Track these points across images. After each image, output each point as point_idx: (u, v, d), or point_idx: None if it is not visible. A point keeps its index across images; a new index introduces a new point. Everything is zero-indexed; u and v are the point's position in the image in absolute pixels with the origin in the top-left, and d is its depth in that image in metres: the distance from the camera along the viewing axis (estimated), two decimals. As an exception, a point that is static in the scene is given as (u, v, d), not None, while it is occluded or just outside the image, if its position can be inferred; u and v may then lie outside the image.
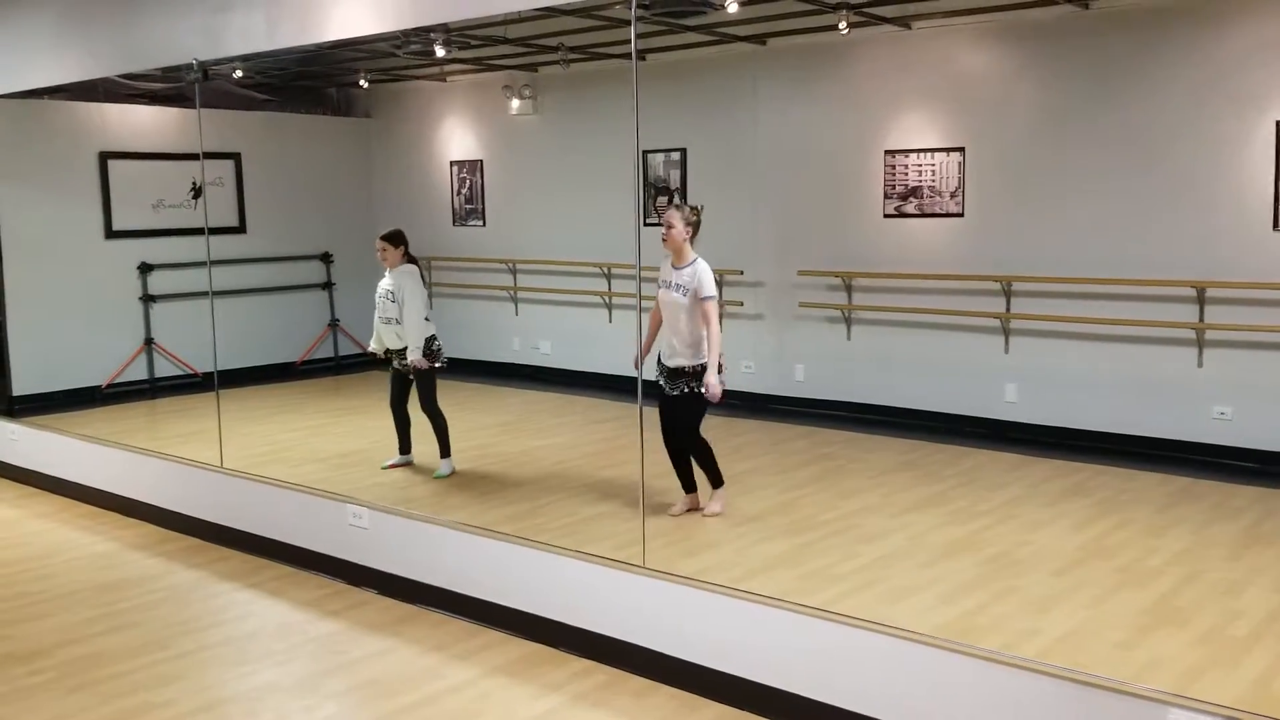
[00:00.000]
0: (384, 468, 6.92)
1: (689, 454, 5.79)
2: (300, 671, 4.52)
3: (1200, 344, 6.96)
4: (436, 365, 6.70)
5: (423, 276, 6.83)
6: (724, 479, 5.85)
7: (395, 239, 6.73)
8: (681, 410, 5.66)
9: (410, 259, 6.75)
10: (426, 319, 6.67)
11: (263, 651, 4.74)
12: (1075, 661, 3.72)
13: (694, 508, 5.86)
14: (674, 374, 5.63)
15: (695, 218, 5.65)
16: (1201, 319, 6.90)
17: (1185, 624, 4.30)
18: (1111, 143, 7.15)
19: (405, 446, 6.97)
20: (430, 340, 6.65)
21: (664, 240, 5.64)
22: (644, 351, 5.62)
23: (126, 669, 4.55)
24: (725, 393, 5.56)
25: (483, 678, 4.43)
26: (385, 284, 6.74)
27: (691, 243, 5.64)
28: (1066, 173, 7.36)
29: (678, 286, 5.59)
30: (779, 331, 8.83)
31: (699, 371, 5.55)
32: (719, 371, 5.46)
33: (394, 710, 4.15)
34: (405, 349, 6.66)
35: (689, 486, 5.87)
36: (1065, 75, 7.32)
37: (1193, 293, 6.90)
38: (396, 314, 6.64)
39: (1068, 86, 7.31)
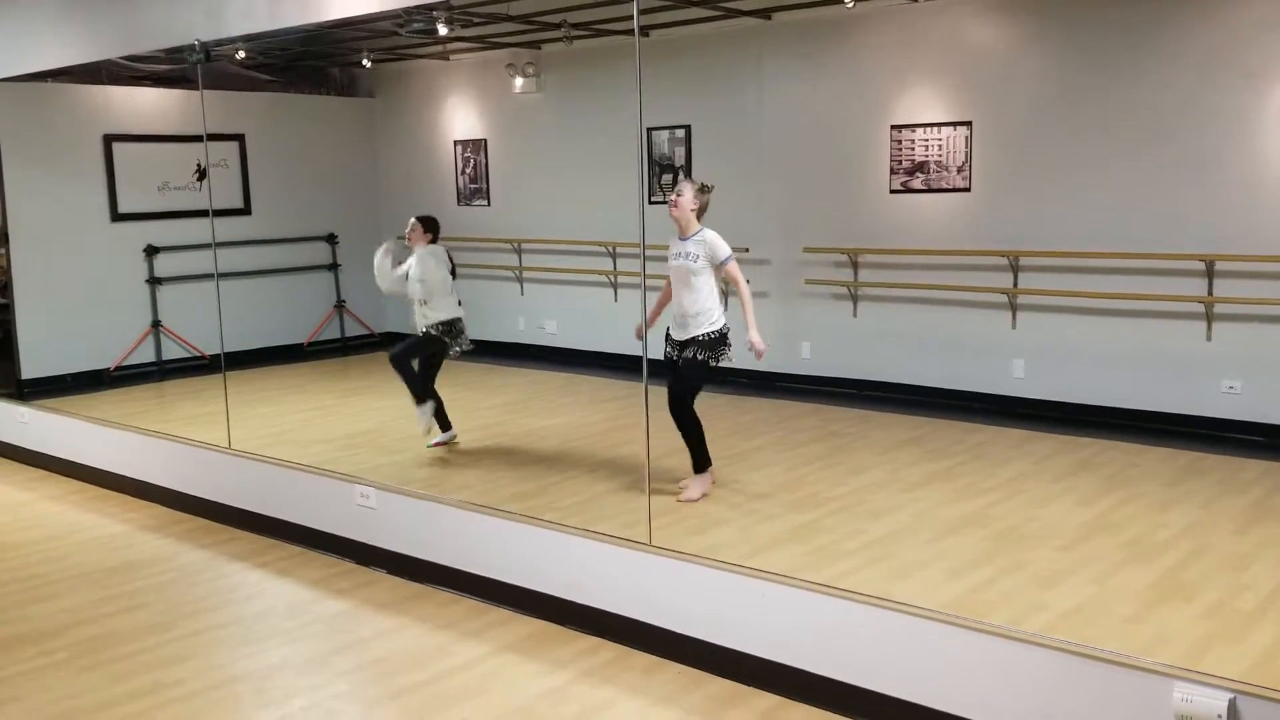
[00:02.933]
0: (430, 446, 6.86)
1: (679, 421, 5.66)
2: (309, 650, 4.55)
3: (1209, 318, 6.93)
4: (457, 350, 6.80)
5: (449, 256, 6.84)
6: (711, 463, 5.72)
7: (429, 224, 6.83)
8: (684, 372, 5.62)
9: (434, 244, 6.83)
10: (459, 302, 6.79)
11: (272, 631, 4.77)
12: (1082, 636, 3.73)
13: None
14: (683, 346, 5.63)
15: (706, 196, 5.65)
16: (1210, 293, 6.86)
17: (1192, 598, 4.30)
18: (1120, 116, 7.10)
19: (445, 424, 6.94)
20: (456, 322, 6.75)
21: (671, 208, 5.62)
22: (649, 322, 5.52)
23: (137, 649, 4.58)
24: (729, 369, 5.56)
25: (491, 655, 4.45)
26: (412, 272, 6.73)
27: (698, 220, 5.64)
28: (1074, 146, 7.31)
29: (686, 254, 5.58)
30: (785, 309, 8.81)
31: (706, 340, 5.55)
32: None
33: (403, 688, 4.17)
34: (440, 322, 6.70)
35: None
36: (1073, 48, 7.26)
37: (1201, 266, 6.87)
38: (424, 295, 6.71)
39: (1076, 59, 7.26)
